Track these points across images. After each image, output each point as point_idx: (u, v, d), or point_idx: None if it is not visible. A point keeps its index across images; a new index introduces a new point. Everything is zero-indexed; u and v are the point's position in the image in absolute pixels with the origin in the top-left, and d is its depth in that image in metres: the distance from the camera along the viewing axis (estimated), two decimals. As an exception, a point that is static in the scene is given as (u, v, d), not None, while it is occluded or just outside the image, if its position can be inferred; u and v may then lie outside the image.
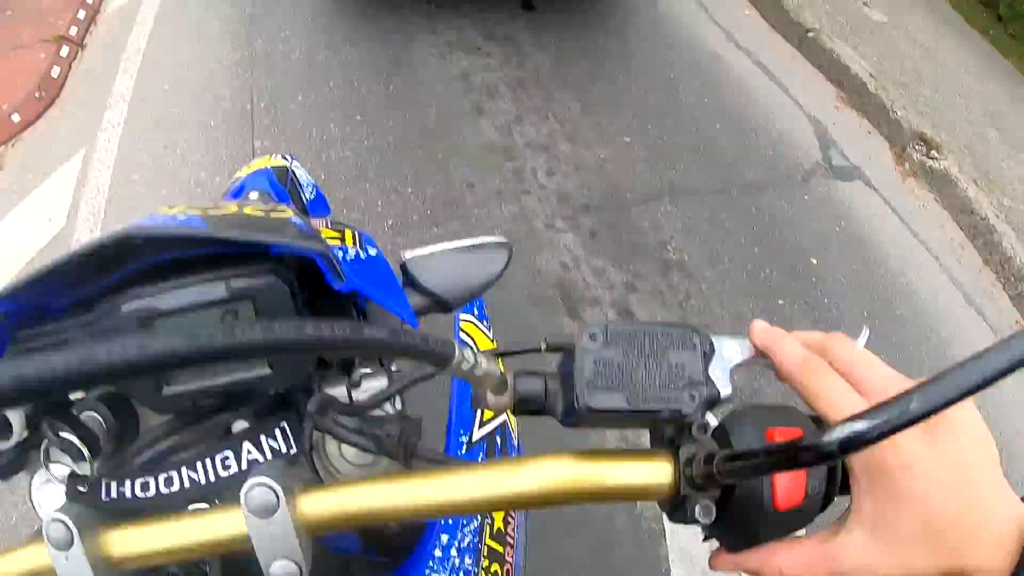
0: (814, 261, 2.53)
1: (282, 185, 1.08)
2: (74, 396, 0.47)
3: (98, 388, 0.47)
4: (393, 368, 0.49)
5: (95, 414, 0.46)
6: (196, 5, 3.72)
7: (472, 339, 0.96)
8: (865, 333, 0.41)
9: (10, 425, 0.42)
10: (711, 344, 0.39)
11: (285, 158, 1.19)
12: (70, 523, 0.31)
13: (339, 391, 0.48)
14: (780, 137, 3.05)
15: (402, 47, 3.20)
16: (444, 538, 0.65)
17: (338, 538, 0.56)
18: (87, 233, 2.43)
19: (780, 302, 2.36)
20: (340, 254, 0.50)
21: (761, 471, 0.31)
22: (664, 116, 2.97)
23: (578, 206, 2.47)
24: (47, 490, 0.46)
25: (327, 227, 0.62)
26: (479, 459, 0.85)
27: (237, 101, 2.93)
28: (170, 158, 2.69)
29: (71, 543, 0.31)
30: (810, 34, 3.99)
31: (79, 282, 0.42)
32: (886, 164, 3.20)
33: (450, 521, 0.66)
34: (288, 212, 0.52)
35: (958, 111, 3.94)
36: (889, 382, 0.35)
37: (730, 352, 0.39)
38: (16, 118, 3.01)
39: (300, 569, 0.34)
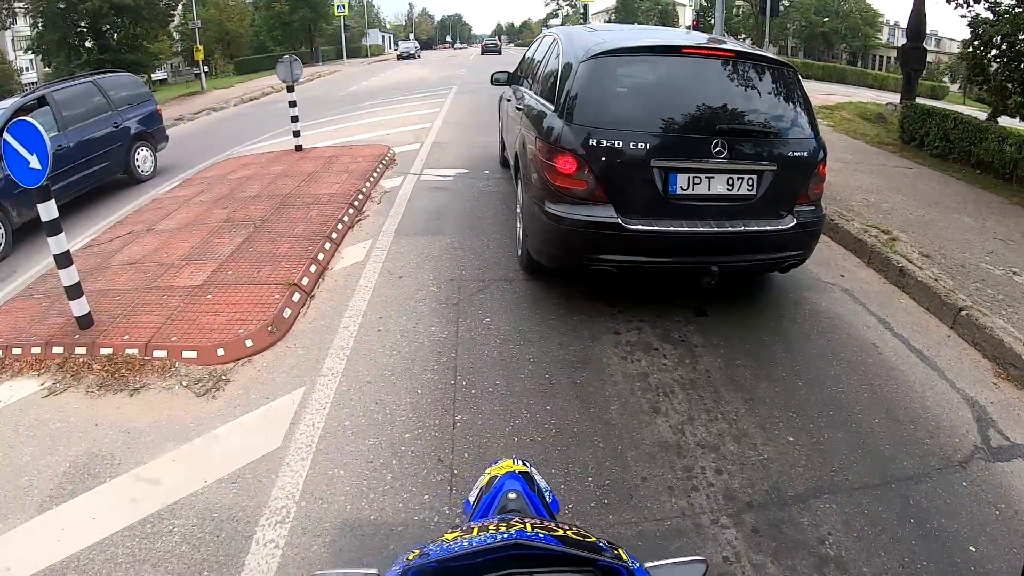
0: (973, 549, 2.98)
1: (531, 490, 1.74)
2: None
3: None
4: None
5: None
6: (410, 284, 5.45)
7: None
8: None
9: None
10: None
11: (524, 464, 1.88)
12: None
13: None
14: (937, 424, 3.79)
15: (589, 344, 4.49)
16: None
17: None
18: (298, 461, 3.49)
19: (936, 593, 2.78)
20: (632, 563, 1.12)
21: None
22: (824, 413, 3.80)
23: (742, 504, 3.14)
24: None
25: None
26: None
27: (441, 375, 4.19)
28: (379, 413, 3.84)
29: None
30: (963, 312, 4.90)
31: (476, 555, 1.00)
32: (1052, 435, 3.78)
33: None
34: (592, 537, 1.15)
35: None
36: None
37: None
38: (249, 343, 4.47)
39: None
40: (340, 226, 6.69)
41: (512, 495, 1.68)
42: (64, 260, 4.77)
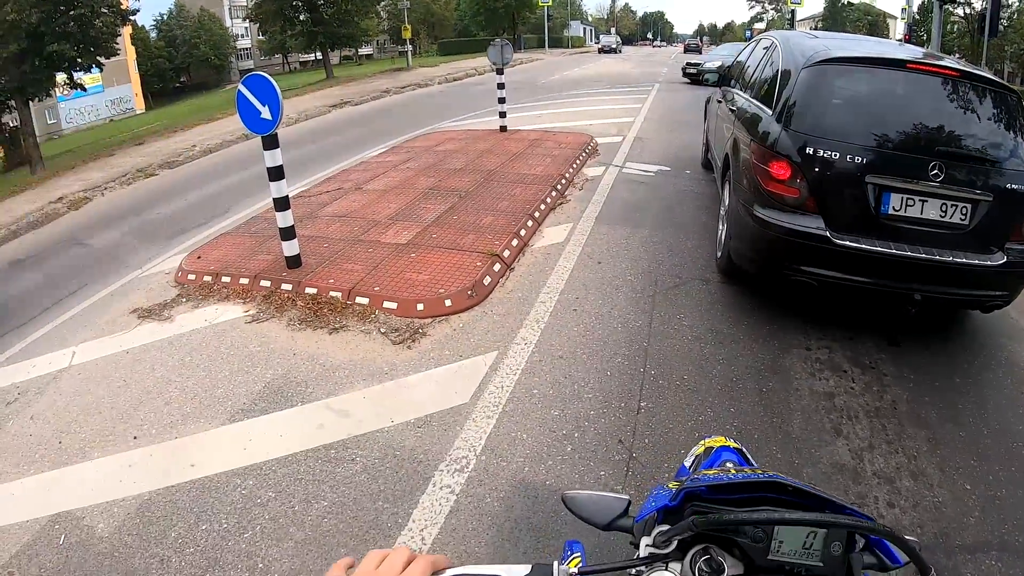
0: None
1: (745, 462, 1.95)
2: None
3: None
4: None
5: (722, 551, 1.17)
6: (608, 270, 5.70)
7: None
8: None
9: (672, 542, 1.07)
10: None
11: (736, 442, 2.09)
12: None
13: None
14: None
15: (778, 354, 4.56)
16: None
17: None
18: (484, 418, 3.78)
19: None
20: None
21: None
22: (1007, 467, 3.65)
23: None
24: None
25: None
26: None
27: (632, 361, 4.38)
28: (567, 387, 4.09)
29: None
30: None
31: (738, 488, 1.12)
32: None
33: None
34: (823, 491, 1.24)
35: None
36: None
37: None
38: (448, 303, 4.88)
39: None
40: (543, 206, 7.10)
41: (729, 465, 1.81)
42: (283, 204, 5.40)
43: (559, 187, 7.87)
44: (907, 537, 1.29)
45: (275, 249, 5.77)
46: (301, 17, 33.04)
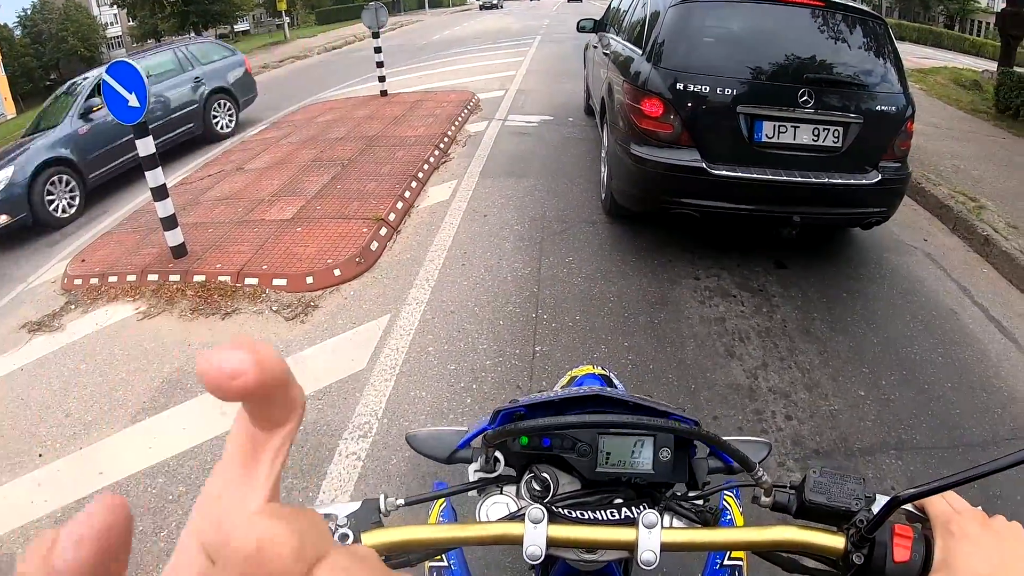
0: (1037, 521, 3.12)
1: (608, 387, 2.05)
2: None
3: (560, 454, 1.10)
4: None
5: (554, 470, 1.22)
6: (494, 222, 5.74)
7: None
8: None
9: (499, 462, 1.08)
10: None
11: (604, 369, 2.19)
12: (545, 513, 0.96)
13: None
14: (1011, 395, 3.78)
15: (668, 286, 4.74)
16: None
17: None
18: (382, 382, 3.79)
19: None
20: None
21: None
22: (898, 371, 3.90)
23: (809, 450, 3.29)
24: (495, 506, 1.15)
25: None
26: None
27: (523, 308, 4.45)
28: (461, 341, 4.13)
29: (540, 521, 0.94)
30: (1048, 288, 4.81)
31: (559, 405, 1.11)
32: None
33: None
34: (648, 400, 1.32)
35: None
36: None
37: None
38: (337, 272, 4.84)
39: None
40: (426, 167, 7.07)
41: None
42: (160, 193, 5.20)
43: (442, 146, 7.84)
44: (757, 438, 1.35)
45: (159, 241, 5.57)
46: (171, -3, 31.59)
